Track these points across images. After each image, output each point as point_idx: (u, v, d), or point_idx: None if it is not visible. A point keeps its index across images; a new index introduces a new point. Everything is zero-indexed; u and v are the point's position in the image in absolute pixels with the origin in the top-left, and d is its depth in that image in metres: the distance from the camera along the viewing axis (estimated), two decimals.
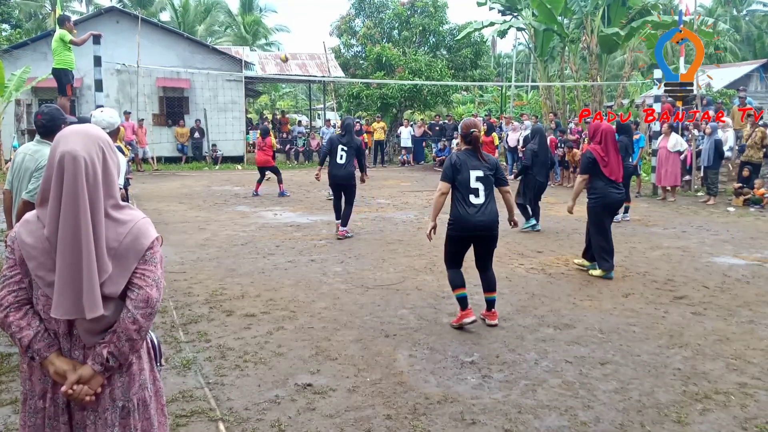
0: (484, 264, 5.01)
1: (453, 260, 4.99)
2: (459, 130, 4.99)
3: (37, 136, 3.99)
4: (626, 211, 10.03)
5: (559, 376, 3.98)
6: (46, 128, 3.93)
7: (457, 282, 4.90)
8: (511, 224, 5.18)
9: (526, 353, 4.36)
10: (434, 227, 4.89)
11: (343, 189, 8.47)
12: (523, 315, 5.19)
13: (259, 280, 6.32)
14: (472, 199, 4.77)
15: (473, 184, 4.79)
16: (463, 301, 4.86)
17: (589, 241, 6.71)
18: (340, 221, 8.58)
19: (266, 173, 13.57)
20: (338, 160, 8.35)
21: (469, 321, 4.81)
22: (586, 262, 6.80)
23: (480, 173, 4.80)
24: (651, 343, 4.56)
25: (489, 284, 4.98)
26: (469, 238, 4.88)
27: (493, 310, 4.99)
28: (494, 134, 16.08)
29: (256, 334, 4.71)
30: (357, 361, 4.20)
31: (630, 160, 9.38)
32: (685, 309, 5.41)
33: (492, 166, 4.86)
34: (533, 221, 9.09)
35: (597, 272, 6.48)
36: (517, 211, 5.46)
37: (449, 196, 4.88)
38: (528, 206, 9.12)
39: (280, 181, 13.28)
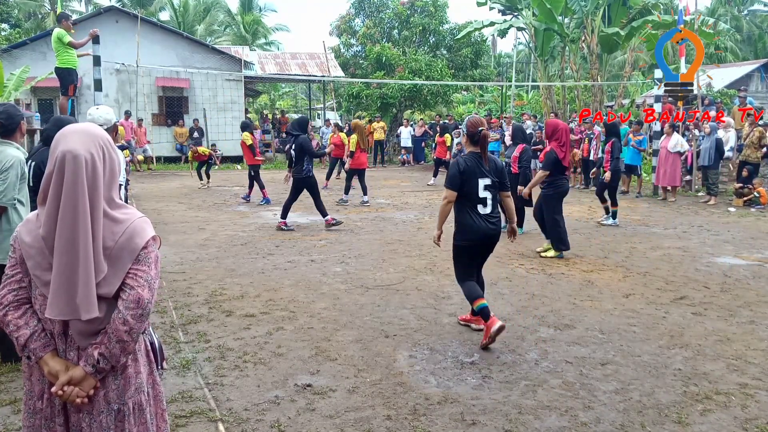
0: (478, 270, 4.86)
1: (465, 272, 4.69)
2: (464, 128, 4.67)
3: None
4: (614, 216, 9.58)
5: (560, 376, 3.97)
6: (5, 128, 3.83)
7: (474, 294, 4.54)
8: (511, 236, 4.93)
9: (527, 354, 4.35)
10: (440, 235, 4.76)
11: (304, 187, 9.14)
12: (524, 315, 5.17)
13: (258, 280, 6.30)
14: (480, 209, 4.54)
15: (482, 193, 4.52)
16: (484, 312, 4.45)
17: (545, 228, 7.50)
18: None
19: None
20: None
21: (497, 328, 4.34)
22: (547, 246, 7.49)
23: (488, 181, 4.53)
24: (651, 344, 4.55)
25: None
26: (479, 246, 4.65)
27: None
28: (447, 135, 16.23)
29: (256, 335, 4.70)
30: (357, 362, 4.19)
31: (618, 161, 9.55)
32: (686, 309, 5.40)
33: (498, 171, 4.60)
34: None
35: (551, 254, 7.30)
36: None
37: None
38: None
39: (255, 185, 12.60)
